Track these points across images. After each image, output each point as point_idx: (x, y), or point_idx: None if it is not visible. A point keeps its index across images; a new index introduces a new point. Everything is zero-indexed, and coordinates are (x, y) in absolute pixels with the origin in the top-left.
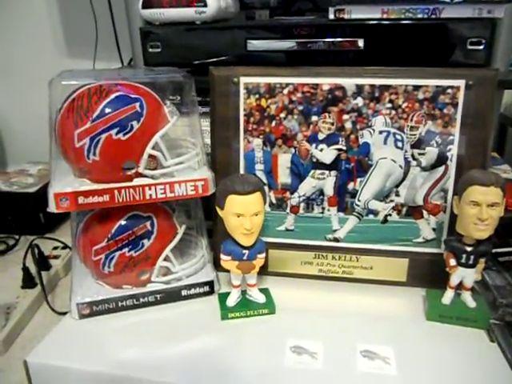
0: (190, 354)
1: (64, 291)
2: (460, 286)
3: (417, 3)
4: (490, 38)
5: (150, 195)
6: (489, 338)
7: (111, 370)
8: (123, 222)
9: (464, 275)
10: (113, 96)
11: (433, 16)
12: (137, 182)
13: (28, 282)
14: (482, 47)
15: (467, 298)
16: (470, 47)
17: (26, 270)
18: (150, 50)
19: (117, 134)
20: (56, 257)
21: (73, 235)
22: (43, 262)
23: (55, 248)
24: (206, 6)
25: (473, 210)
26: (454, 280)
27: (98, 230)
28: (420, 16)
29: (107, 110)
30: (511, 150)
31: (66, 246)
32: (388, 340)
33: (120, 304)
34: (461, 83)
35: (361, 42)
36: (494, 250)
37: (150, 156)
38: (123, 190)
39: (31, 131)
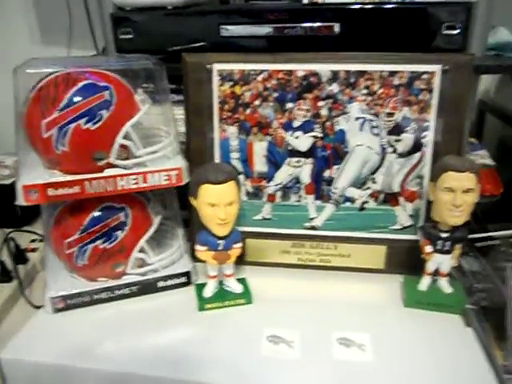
0: (167, 345)
1: (43, 285)
2: (437, 272)
3: None
4: (465, 23)
5: (122, 186)
6: (465, 322)
7: (87, 364)
8: (96, 214)
9: (440, 261)
10: (81, 84)
11: (408, 0)
12: (108, 172)
13: (4, 275)
14: (457, 32)
15: (444, 283)
16: (445, 32)
17: (1, 263)
18: (122, 36)
19: (86, 123)
20: (34, 250)
21: (45, 228)
22: (20, 256)
23: (33, 241)
24: None
25: (447, 196)
26: (431, 266)
27: (71, 222)
28: (395, 0)
29: (75, 99)
30: (489, 135)
31: (43, 239)
32: (365, 327)
33: (95, 297)
34: (436, 68)
35: (336, 27)
36: (471, 236)
37: (122, 146)
38: (94, 181)
39: (5, 121)
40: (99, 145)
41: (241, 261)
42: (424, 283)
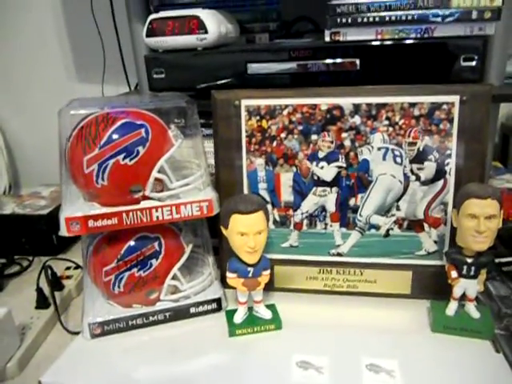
0: (199, 371)
1: (77, 311)
2: (464, 297)
3: (409, 24)
4: (482, 55)
5: (157, 217)
6: (494, 348)
7: None
8: (132, 243)
9: (466, 286)
10: (119, 123)
11: (426, 35)
12: (144, 204)
13: (42, 302)
14: (474, 63)
15: (471, 308)
16: (463, 64)
17: (39, 290)
18: (155, 75)
19: (124, 159)
20: (69, 277)
21: (84, 257)
22: (56, 283)
23: (68, 268)
24: (206, 32)
25: (471, 222)
26: (457, 291)
27: (108, 251)
28: (413, 36)
29: (114, 137)
30: None
31: (78, 266)
32: (393, 353)
33: (130, 323)
34: (455, 99)
35: (358, 63)
36: (498, 260)
37: (156, 179)
38: (131, 213)
39: (43, 155)
40: (136, 179)
41: (269, 287)
42: (451, 308)
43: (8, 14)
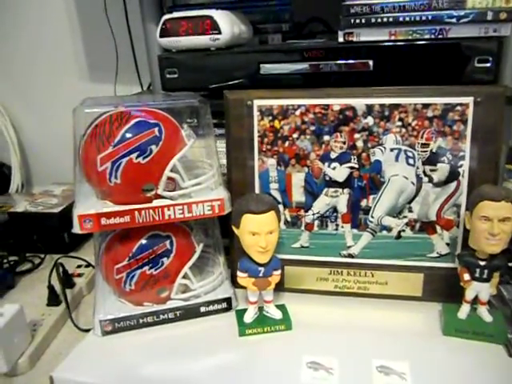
0: (208, 370)
1: (88, 308)
2: (476, 300)
3: (424, 24)
4: (497, 56)
5: (169, 215)
6: (507, 352)
7: None
8: (144, 242)
9: (479, 289)
10: (133, 122)
11: (440, 36)
12: (156, 203)
13: (53, 299)
14: (489, 65)
15: (483, 312)
16: (477, 65)
17: (51, 287)
18: (168, 75)
19: (137, 157)
20: (80, 275)
21: (96, 254)
22: (67, 280)
23: (79, 266)
24: (220, 33)
25: (484, 224)
26: (470, 294)
27: (120, 249)
28: (427, 36)
29: (128, 135)
30: None
31: (89, 265)
32: (404, 355)
33: (141, 321)
34: (469, 100)
35: (371, 63)
36: (511, 264)
37: (169, 178)
38: (143, 211)
39: (55, 153)
40: (148, 177)
41: (280, 288)
42: (463, 311)
43: (20, 14)
